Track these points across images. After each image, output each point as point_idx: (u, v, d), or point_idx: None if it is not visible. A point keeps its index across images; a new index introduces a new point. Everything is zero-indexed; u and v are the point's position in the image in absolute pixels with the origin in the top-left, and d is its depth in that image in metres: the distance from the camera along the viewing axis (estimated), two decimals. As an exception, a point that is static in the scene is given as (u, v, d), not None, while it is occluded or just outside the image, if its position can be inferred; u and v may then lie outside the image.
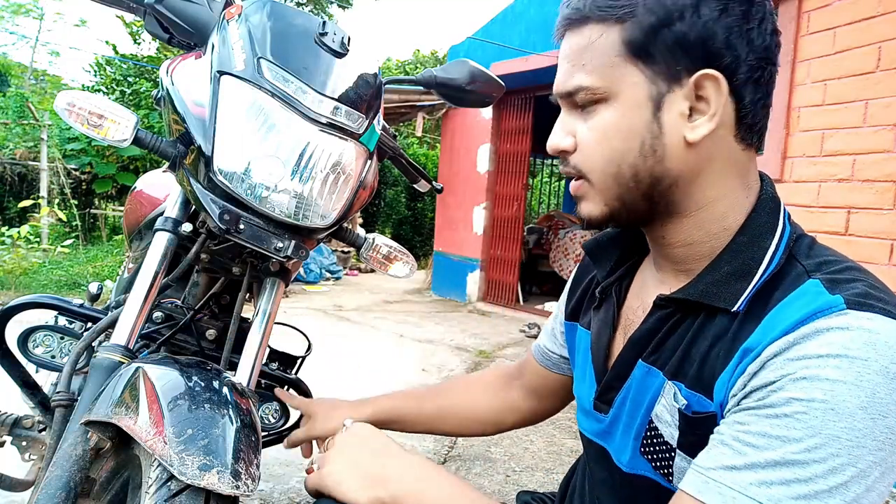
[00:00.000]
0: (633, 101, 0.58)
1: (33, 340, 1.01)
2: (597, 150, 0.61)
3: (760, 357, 0.52)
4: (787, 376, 0.49)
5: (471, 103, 1.09)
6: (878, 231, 2.21)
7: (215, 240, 0.90)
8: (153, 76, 9.55)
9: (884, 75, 2.20)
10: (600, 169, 0.61)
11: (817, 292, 0.53)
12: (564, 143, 0.63)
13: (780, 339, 0.51)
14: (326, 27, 0.84)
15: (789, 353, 0.50)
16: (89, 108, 0.78)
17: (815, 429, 0.46)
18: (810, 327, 0.50)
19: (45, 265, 6.14)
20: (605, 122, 0.60)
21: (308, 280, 7.14)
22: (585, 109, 0.61)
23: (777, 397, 0.49)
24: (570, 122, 0.63)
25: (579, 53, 0.60)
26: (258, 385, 1.10)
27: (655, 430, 0.63)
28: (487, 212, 6.33)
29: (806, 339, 0.50)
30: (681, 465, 0.60)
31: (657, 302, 0.65)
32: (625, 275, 0.75)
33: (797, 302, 0.54)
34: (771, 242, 0.60)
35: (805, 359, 0.49)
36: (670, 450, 0.61)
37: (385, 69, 14.05)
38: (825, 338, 0.49)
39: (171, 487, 0.60)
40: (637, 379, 0.66)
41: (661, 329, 0.64)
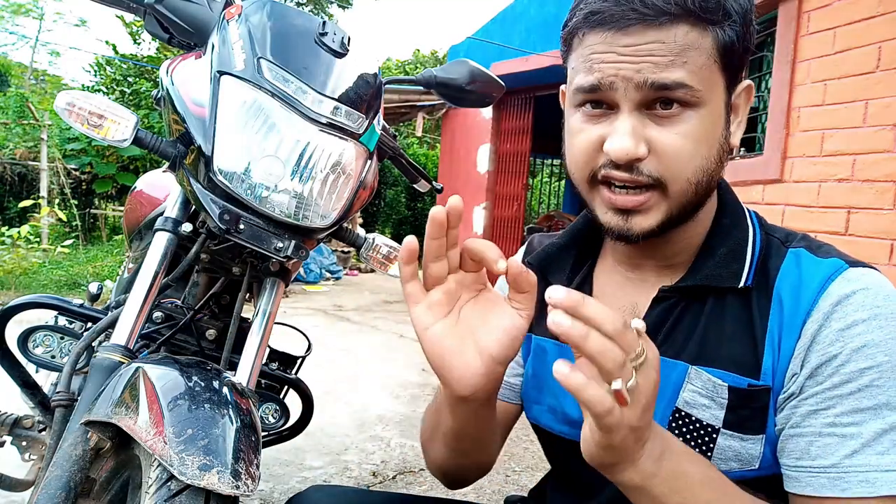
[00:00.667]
0: (717, 108, 0.59)
1: (33, 340, 1.01)
2: (688, 158, 0.57)
3: (805, 334, 0.58)
4: (847, 347, 0.55)
5: (471, 103, 1.09)
6: (878, 231, 2.21)
7: (215, 240, 0.90)
8: (153, 76, 9.55)
9: (884, 75, 2.20)
10: (686, 178, 0.58)
11: (812, 259, 0.61)
12: (642, 150, 0.57)
13: (814, 313, 0.58)
14: (326, 27, 0.84)
15: (833, 323, 0.57)
16: (89, 108, 0.78)
17: (893, 387, 0.54)
18: (833, 294, 0.57)
19: (45, 265, 6.14)
20: (697, 129, 0.57)
21: (308, 280, 7.14)
22: (663, 114, 0.57)
23: (848, 371, 0.55)
24: (640, 125, 0.57)
25: (679, 50, 0.55)
26: (258, 385, 1.10)
27: (687, 417, 0.63)
28: (487, 212, 6.33)
29: (838, 307, 0.57)
30: (725, 445, 0.61)
31: (660, 295, 0.65)
32: (583, 281, 0.74)
33: (800, 271, 0.61)
34: (747, 222, 0.66)
35: (853, 326, 0.56)
36: (711, 431, 0.62)
37: (385, 69, 14.05)
38: (854, 302, 0.56)
39: (171, 487, 0.59)
40: None
41: (668, 319, 0.65)
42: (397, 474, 2.17)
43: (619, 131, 0.57)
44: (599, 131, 0.59)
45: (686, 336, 0.64)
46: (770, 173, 2.65)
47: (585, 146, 0.61)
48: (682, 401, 0.63)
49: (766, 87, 2.91)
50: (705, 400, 0.62)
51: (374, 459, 2.28)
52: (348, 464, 2.22)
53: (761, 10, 2.83)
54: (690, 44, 0.55)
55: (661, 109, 0.57)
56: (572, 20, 0.60)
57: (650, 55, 0.55)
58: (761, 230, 0.66)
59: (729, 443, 0.61)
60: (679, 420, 0.64)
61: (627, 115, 0.57)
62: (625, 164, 0.57)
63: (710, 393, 0.62)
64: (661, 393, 0.64)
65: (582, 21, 0.58)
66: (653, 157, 0.57)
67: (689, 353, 0.63)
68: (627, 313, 0.69)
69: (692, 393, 0.63)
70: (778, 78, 2.64)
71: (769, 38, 2.86)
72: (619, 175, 0.58)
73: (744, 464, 0.62)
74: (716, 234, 0.65)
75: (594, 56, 0.57)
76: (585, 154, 0.61)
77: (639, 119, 0.57)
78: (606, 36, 0.56)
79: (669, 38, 0.55)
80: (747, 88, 0.63)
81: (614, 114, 0.59)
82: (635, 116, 0.57)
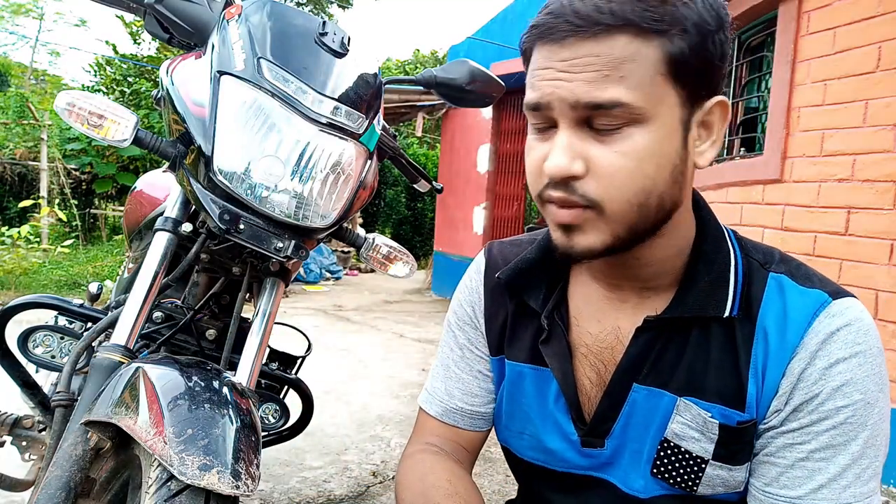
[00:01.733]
0: (670, 124, 0.54)
1: (33, 340, 1.01)
2: (627, 177, 0.54)
3: (791, 372, 0.59)
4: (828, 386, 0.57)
5: (471, 103, 1.09)
6: (878, 231, 2.21)
7: (215, 240, 0.90)
8: (153, 76, 9.55)
9: (884, 75, 2.20)
10: (625, 198, 0.54)
11: (795, 289, 0.61)
12: (576, 167, 0.54)
13: (800, 351, 0.59)
14: (326, 27, 0.84)
15: (818, 362, 0.58)
16: (89, 108, 0.78)
17: (863, 424, 0.57)
18: (819, 332, 0.58)
19: (45, 265, 6.14)
20: (640, 147, 0.53)
21: (308, 280, 7.14)
22: (606, 130, 0.53)
23: (826, 409, 0.57)
24: (578, 142, 0.54)
25: (615, 64, 0.51)
26: (258, 385, 1.10)
27: (675, 448, 0.63)
28: (487, 212, 6.33)
29: (824, 345, 0.58)
30: (713, 474, 0.62)
31: (645, 325, 0.63)
32: (560, 300, 0.70)
33: (784, 302, 0.61)
34: (727, 245, 0.65)
35: (836, 364, 0.57)
36: (700, 462, 0.62)
37: (385, 69, 14.05)
38: (838, 340, 0.58)
39: (171, 487, 0.59)
40: (638, 403, 0.65)
41: (653, 349, 0.63)
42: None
43: (555, 148, 0.54)
44: (543, 150, 0.57)
45: (672, 366, 0.63)
46: (770, 173, 2.65)
47: (532, 166, 0.59)
48: (670, 432, 0.63)
49: (766, 87, 2.91)
50: (695, 433, 0.62)
51: (374, 459, 2.28)
52: (348, 464, 2.22)
53: (761, 11, 2.83)
54: (629, 56, 0.51)
55: (602, 126, 0.53)
56: (524, 37, 0.58)
57: (584, 70, 0.52)
58: (741, 253, 0.65)
59: (717, 472, 0.62)
60: (668, 450, 0.64)
61: (564, 132, 0.54)
62: (561, 182, 0.55)
63: (700, 427, 0.62)
64: (650, 422, 0.64)
65: (527, 36, 0.57)
66: (590, 176, 0.54)
67: (676, 383, 0.63)
68: (610, 336, 0.67)
69: (681, 425, 0.63)
70: (778, 78, 2.64)
71: (769, 38, 2.86)
72: (554, 195, 0.56)
73: (729, 488, 0.63)
74: (699, 261, 0.63)
75: (536, 72, 0.56)
76: (533, 175, 0.59)
77: (577, 136, 0.54)
78: (548, 50, 0.54)
79: (605, 50, 0.51)
80: (719, 104, 0.57)
81: (555, 131, 0.56)
82: (574, 133, 0.54)
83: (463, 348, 0.79)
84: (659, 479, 0.65)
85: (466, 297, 0.79)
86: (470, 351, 0.78)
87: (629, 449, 0.66)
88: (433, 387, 0.81)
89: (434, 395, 0.80)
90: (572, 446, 0.69)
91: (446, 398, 0.78)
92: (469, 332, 0.78)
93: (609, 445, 0.67)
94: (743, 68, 3.14)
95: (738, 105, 3.19)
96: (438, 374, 0.81)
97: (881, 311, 2.20)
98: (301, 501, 1.91)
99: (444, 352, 0.81)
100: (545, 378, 0.70)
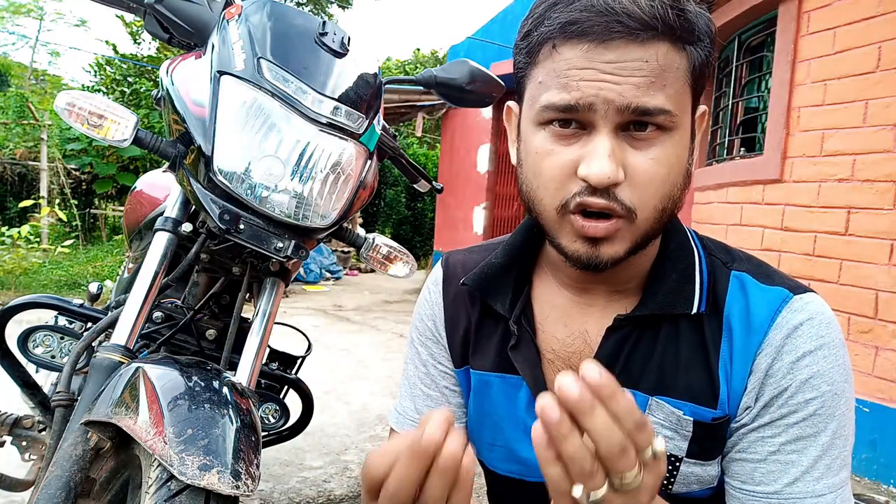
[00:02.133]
0: (687, 132, 0.56)
1: (33, 340, 1.01)
2: (660, 184, 0.54)
3: (757, 368, 0.59)
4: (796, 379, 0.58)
5: (471, 103, 1.09)
6: (878, 231, 2.21)
7: (215, 240, 0.90)
8: (153, 76, 9.55)
9: (884, 75, 2.20)
10: (654, 205, 0.54)
11: (757, 287, 0.62)
12: (621, 175, 0.52)
13: (765, 346, 0.59)
14: (326, 27, 0.84)
15: (785, 356, 0.58)
16: (89, 108, 0.78)
17: (831, 415, 0.57)
18: (783, 327, 0.59)
19: (45, 265, 6.15)
20: (670, 154, 0.54)
21: (308, 280, 7.14)
22: (640, 137, 0.53)
23: (795, 402, 0.58)
24: (618, 149, 0.53)
25: (660, 73, 0.51)
26: (258, 385, 1.10)
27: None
28: (487, 212, 6.33)
29: (788, 340, 0.58)
30: (687, 472, 0.62)
31: (615, 325, 0.62)
32: (525, 305, 0.69)
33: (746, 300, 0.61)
34: (691, 243, 0.66)
35: (803, 357, 0.58)
36: (675, 461, 0.62)
37: (385, 69, 14.05)
38: (802, 333, 0.58)
39: (171, 487, 0.59)
40: None
41: (624, 349, 0.63)
42: (397, 474, 2.16)
43: (600, 154, 0.52)
44: (572, 154, 0.54)
45: (642, 365, 0.62)
46: (770, 173, 2.65)
47: (557, 172, 0.55)
48: None
49: (766, 87, 2.91)
50: (668, 432, 0.62)
51: (374, 459, 2.28)
52: (348, 464, 2.22)
53: (761, 11, 2.83)
54: (669, 65, 0.52)
55: (637, 132, 0.53)
56: (540, 29, 0.54)
57: (632, 75, 0.51)
58: (705, 252, 0.66)
59: (691, 469, 0.62)
60: None
61: (606, 137, 0.52)
62: (602, 189, 0.53)
63: (673, 425, 0.61)
64: None
65: (557, 31, 0.53)
66: (627, 183, 0.53)
67: (648, 383, 0.62)
68: (578, 341, 0.66)
69: (654, 425, 0.61)
70: (778, 78, 2.64)
71: (769, 38, 2.86)
72: (596, 202, 0.53)
73: (704, 484, 0.63)
74: (665, 259, 0.64)
75: (572, 72, 0.52)
76: (557, 181, 0.55)
77: (617, 141, 0.53)
78: (586, 49, 0.51)
79: (651, 56, 0.51)
80: (702, 115, 0.61)
81: (587, 134, 0.54)
82: (614, 138, 0.52)
83: (427, 364, 0.77)
84: None
85: (426, 311, 0.77)
86: (434, 367, 0.76)
87: None
88: (402, 406, 0.79)
89: (404, 414, 0.78)
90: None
91: (417, 417, 0.76)
92: (431, 347, 0.77)
93: None
94: (743, 68, 3.14)
95: (738, 105, 3.19)
96: (406, 393, 0.79)
97: (881, 311, 2.20)
98: (301, 501, 1.91)
99: (409, 369, 0.79)
100: (513, 385, 0.68)
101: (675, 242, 0.65)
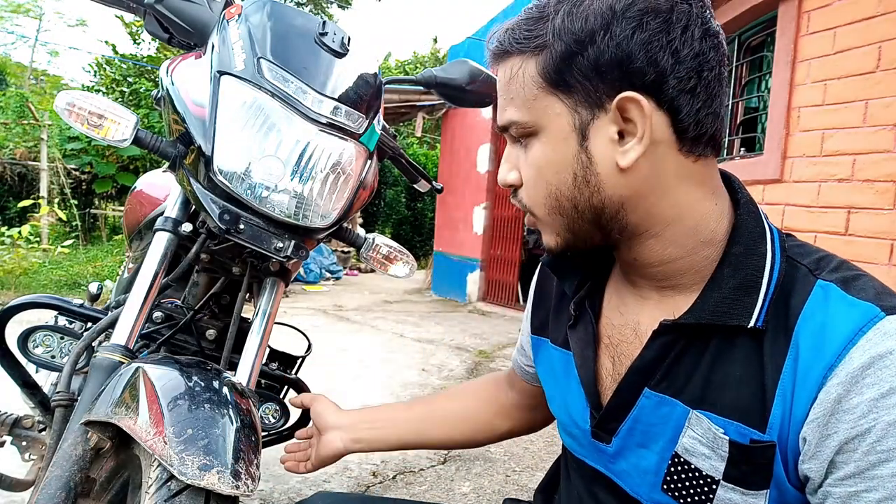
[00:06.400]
0: (559, 132, 0.57)
1: (33, 340, 1.00)
2: (535, 184, 0.60)
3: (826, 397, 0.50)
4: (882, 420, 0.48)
5: (471, 103, 1.09)
6: (878, 231, 2.21)
7: (215, 240, 0.90)
8: (153, 76, 9.55)
9: (884, 75, 2.20)
10: (541, 203, 0.61)
11: (842, 298, 0.53)
12: (511, 178, 0.63)
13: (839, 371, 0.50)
14: (326, 27, 0.84)
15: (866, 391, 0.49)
16: (89, 108, 0.78)
17: None
18: (866, 352, 0.49)
19: (45, 265, 6.15)
20: (538, 156, 0.59)
21: (308, 280, 7.14)
22: (523, 143, 0.61)
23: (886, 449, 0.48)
24: (513, 155, 0.62)
25: (507, 87, 0.60)
26: (258, 385, 1.10)
27: (686, 464, 0.59)
28: (487, 212, 6.34)
29: (871, 369, 0.49)
30: (725, 497, 0.57)
31: (661, 329, 0.59)
32: (594, 288, 0.71)
33: (826, 314, 0.53)
34: (766, 248, 0.58)
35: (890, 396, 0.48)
36: (711, 482, 0.58)
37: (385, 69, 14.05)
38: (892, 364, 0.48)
39: (171, 487, 0.60)
40: (647, 409, 0.62)
41: (668, 355, 0.60)
42: (397, 474, 2.17)
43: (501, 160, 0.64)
44: None
45: (687, 375, 0.59)
46: (770, 173, 2.65)
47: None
48: (681, 446, 0.59)
49: (766, 87, 2.91)
50: (705, 449, 0.58)
51: (374, 459, 2.28)
52: (348, 464, 2.22)
53: (761, 11, 2.83)
54: (513, 77, 0.58)
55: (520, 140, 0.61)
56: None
57: (500, 94, 0.61)
58: (782, 257, 0.58)
59: (730, 495, 0.57)
60: (678, 466, 0.60)
61: (508, 146, 0.63)
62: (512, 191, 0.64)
63: (710, 443, 0.57)
64: (661, 433, 0.61)
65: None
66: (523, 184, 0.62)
67: (691, 394, 0.58)
68: (629, 332, 0.66)
69: (692, 440, 0.58)
70: (778, 78, 2.64)
71: (769, 38, 2.86)
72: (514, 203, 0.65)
73: None
74: (727, 264, 0.58)
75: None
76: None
77: (515, 149, 0.62)
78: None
79: (508, 73, 0.59)
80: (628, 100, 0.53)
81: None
82: (514, 147, 0.62)
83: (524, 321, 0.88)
84: (669, 495, 0.61)
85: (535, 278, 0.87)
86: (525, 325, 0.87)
87: (634, 454, 0.64)
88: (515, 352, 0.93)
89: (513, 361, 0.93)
90: (584, 434, 0.70)
91: (515, 354, 0.92)
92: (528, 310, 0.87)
93: (614, 444, 0.66)
94: (743, 68, 3.14)
95: (738, 105, 3.19)
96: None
97: (881, 311, 2.20)
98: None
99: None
100: (570, 363, 0.72)
101: (741, 246, 0.58)
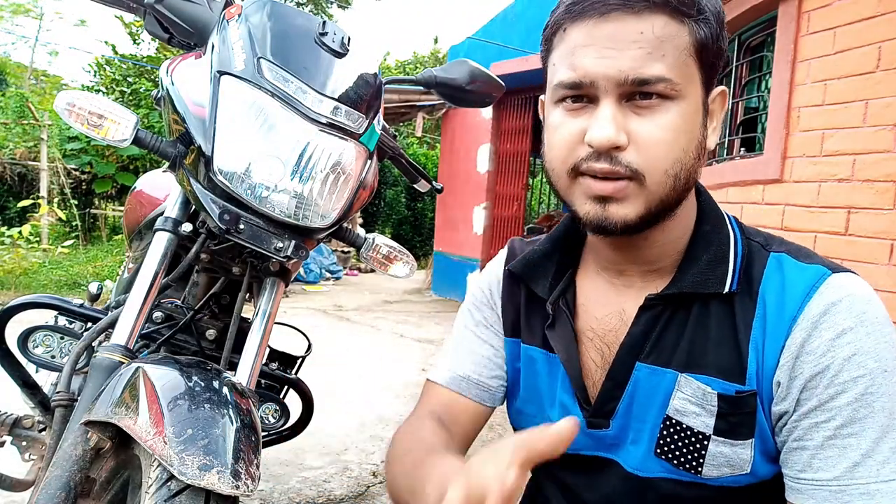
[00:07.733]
0: (695, 103, 0.59)
1: (33, 340, 1.01)
2: (666, 148, 0.58)
3: (791, 343, 0.58)
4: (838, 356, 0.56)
5: (471, 103, 1.09)
6: (878, 231, 2.21)
7: (215, 240, 0.90)
8: (153, 76, 9.55)
9: (884, 75, 2.19)
10: (664, 169, 0.58)
11: (795, 264, 0.62)
12: (622, 138, 0.57)
13: (800, 321, 0.58)
14: (326, 27, 0.84)
15: (823, 333, 0.57)
16: (89, 108, 0.78)
17: (885, 393, 0.55)
18: (820, 303, 0.58)
19: (45, 265, 6.14)
20: (675, 121, 0.58)
21: (308, 280, 7.14)
22: (644, 105, 0.57)
23: (842, 381, 0.56)
24: (620, 116, 0.57)
25: (658, 43, 0.55)
26: (258, 385, 1.10)
27: (678, 425, 0.64)
28: (487, 212, 6.33)
29: (826, 315, 0.57)
30: (716, 451, 0.62)
31: (647, 303, 0.65)
32: (566, 288, 0.73)
33: (783, 276, 0.62)
34: (727, 227, 0.68)
35: (843, 334, 0.56)
36: (703, 438, 0.63)
37: (385, 69, 14.05)
38: (841, 310, 0.57)
39: (171, 487, 0.60)
40: (640, 381, 0.66)
41: (655, 327, 0.65)
42: (397, 474, 2.17)
43: (601, 120, 0.57)
44: (580, 124, 0.59)
45: (674, 344, 0.64)
46: (770, 173, 2.65)
47: (567, 139, 0.60)
48: (672, 409, 0.64)
49: (766, 87, 2.91)
50: (695, 408, 0.63)
51: (374, 459, 2.28)
52: (348, 464, 2.22)
53: (761, 11, 2.83)
54: (668, 36, 0.56)
55: (641, 101, 0.57)
56: (554, 16, 0.61)
57: (629, 48, 0.55)
58: (742, 235, 0.67)
59: (720, 449, 0.62)
60: (670, 428, 0.64)
61: (608, 106, 0.57)
62: (605, 153, 0.57)
63: (699, 401, 0.62)
64: (652, 401, 0.65)
65: (564, 14, 0.59)
66: (632, 147, 0.57)
67: (678, 360, 0.64)
68: (614, 319, 0.69)
69: (682, 401, 0.64)
70: (778, 78, 2.64)
71: (769, 38, 2.86)
72: (600, 167, 0.58)
73: (735, 469, 0.63)
74: (698, 241, 0.66)
75: (577, 50, 0.58)
76: (566, 147, 0.60)
77: (619, 110, 0.58)
78: (587, 26, 0.57)
79: (648, 28, 0.55)
80: (721, 94, 0.64)
81: (594, 106, 0.59)
82: (616, 107, 0.57)
83: (478, 325, 0.81)
84: (663, 459, 0.65)
85: (486, 280, 0.82)
86: (485, 327, 0.80)
87: (633, 428, 0.67)
88: (441, 363, 0.82)
89: (441, 367, 0.81)
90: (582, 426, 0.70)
91: (455, 366, 0.79)
92: (486, 311, 0.81)
93: (614, 425, 0.68)
94: (743, 68, 3.14)
95: (738, 105, 3.19)
96: (448, 352, 0.82)
97: (881, 311, 2.20)
98: (301, 501, 1.91)
99: (456, 332, 0.83)
100: (554, 363, 0.73)
101: (709, 224, 0.67)
